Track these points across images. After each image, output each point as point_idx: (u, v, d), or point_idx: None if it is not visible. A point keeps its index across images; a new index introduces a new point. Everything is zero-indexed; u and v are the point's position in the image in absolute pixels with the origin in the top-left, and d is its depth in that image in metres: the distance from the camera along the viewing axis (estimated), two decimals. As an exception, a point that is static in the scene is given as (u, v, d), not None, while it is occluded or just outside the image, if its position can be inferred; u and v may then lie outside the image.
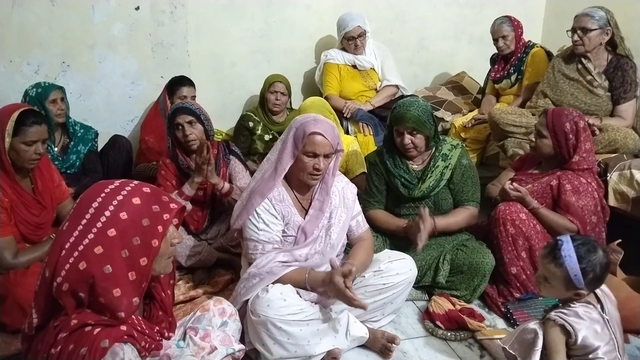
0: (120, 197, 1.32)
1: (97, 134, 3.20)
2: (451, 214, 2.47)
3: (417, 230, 2.30)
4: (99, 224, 1.28)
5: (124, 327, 1.31)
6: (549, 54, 3.41)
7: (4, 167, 2.16)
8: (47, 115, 2.80)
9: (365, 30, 3.57)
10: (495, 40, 3.48)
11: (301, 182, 2.07)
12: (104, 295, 1.27)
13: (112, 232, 1.28)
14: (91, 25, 3.36)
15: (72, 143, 3.06)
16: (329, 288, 1.89)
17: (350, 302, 1.84)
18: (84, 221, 1.29)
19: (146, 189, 1.37)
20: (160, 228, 1.34)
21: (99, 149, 3.24)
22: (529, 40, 3.52)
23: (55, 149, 3.00)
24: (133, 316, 1.37)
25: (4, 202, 2.15)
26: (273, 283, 1.94)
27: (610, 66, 2.93)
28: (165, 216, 1.35)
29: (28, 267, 2.15)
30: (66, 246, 1.28)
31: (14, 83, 3.26)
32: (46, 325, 1.31)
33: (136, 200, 1.33)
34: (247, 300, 1.95)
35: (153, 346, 1.41)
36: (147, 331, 1.40)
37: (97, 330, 1.25)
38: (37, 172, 2.31)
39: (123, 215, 1.30)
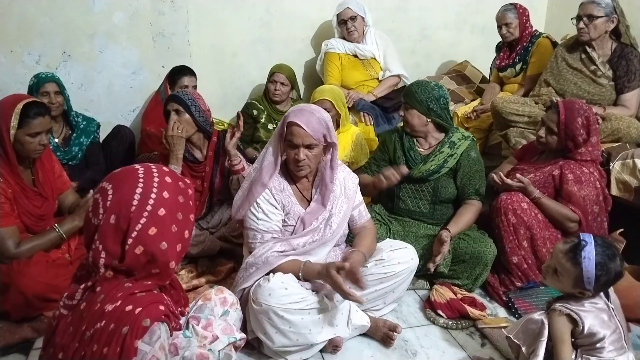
0: (156, 179, 1.34)
1: (99, 126, 3.19)
2: (461, 216, 2.45)
3: (384, 180, 2.30)
4: (148, 207, 1.30)
5: (162, 307, 1.32)
6: (554, 44, 3.38)
7: (9, 159, 2.16)
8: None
9: (357, 14, 3.56)
10: (499, 28, 3.46)
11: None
12: (161, 267, 1.33)
13: (162, 211, 1.31)
14: (91, 15, 3.35)
15: (74, 135, 3.05)
16: (325, 281, 1.90)
17: (346, 296, 1.86)
18: (132, 208, 1.30)
19: (166, 169, 1.42)
20: (191, 203, 1.40)
21: (100, 140, 3.24)
22: (535, 30, 3.49)
23: (56, 140, 3.00)
24: (166, 297, 1.40)
25: (8, 193, 2.15)
26: (273, 272, 1.94)
27: (614, 55, 2.91)
28: (190, 191, 1.41)
29: (31, 256, 2.16)
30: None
31: (15, 73, 3.26)
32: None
33: (168, 179, 1.37)
34: (248, 289, 1.96)
35: (177, 327, 1.45)
36: (176, 312, 1.44)
37: (139, 309, 1.27)
38: (39, 163, 2.31)
39: (166, 194, 1.33)
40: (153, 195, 1.31)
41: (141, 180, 1.33)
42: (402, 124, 2.64)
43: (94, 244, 1.29)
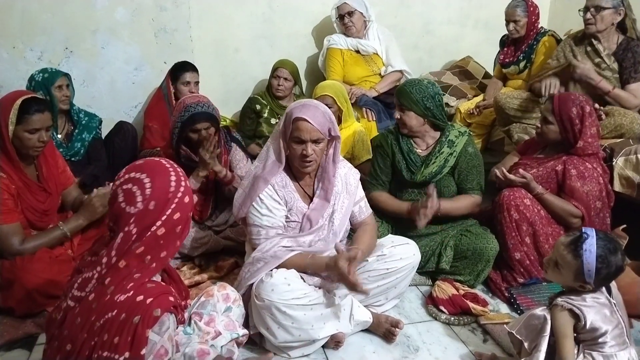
0: (179, 170, 1.45)
1: (101, 121, 3.20)
2: (455, 198, 2.46)
3: (421, 211, 2.30)
4: (179, 194, 1.41)
5: (171, 298, 1.36)
6: (559, 42, 3.35)
7: (9, 155, 2.16)
8: (52, 102, 2.80)
9: (354, 9, 3.55)
10: (507, 23, 3.40)
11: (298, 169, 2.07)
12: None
13: (187, 199, 1.43)
14: (94, 11, 3.35)
15: (76, 131, 3.06)
16: (333, 272, 1.90)
17: (354, 287, 1.85)
18: (169, 195, 1.39)
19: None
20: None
21: (102, 136, 3.25)
22: (541, 27, 3.46)
23: (59, 136, 3.01)
24: (173, 289, 1.44)
25: (11, 189, 2.16)
26: (277, 268, 1.94)
27: (620, 48, 2.89)
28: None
29: (34, 253, 2.16)
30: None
31: (18, 69, 3.27)
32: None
33: (183, 171, 1.47)
34: (252, 284, 1.96)
35: (182, 320, 1.50)
36: (182, 305, 1.48)
37: (150, 300, 1.31)
38: (42, 158, 2.31)
39: (187, 183, 1.46)
40: (183, 184, 1.42)
41: (170, 170, 1.41)
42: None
43: (128, 227, 1.34)
